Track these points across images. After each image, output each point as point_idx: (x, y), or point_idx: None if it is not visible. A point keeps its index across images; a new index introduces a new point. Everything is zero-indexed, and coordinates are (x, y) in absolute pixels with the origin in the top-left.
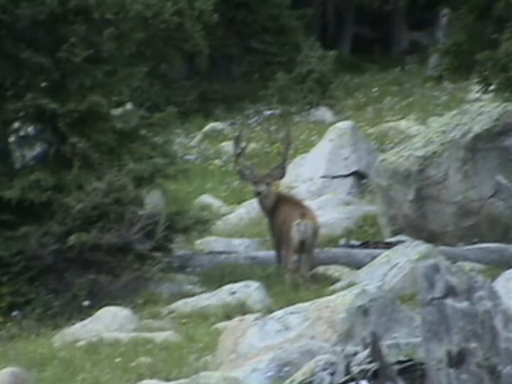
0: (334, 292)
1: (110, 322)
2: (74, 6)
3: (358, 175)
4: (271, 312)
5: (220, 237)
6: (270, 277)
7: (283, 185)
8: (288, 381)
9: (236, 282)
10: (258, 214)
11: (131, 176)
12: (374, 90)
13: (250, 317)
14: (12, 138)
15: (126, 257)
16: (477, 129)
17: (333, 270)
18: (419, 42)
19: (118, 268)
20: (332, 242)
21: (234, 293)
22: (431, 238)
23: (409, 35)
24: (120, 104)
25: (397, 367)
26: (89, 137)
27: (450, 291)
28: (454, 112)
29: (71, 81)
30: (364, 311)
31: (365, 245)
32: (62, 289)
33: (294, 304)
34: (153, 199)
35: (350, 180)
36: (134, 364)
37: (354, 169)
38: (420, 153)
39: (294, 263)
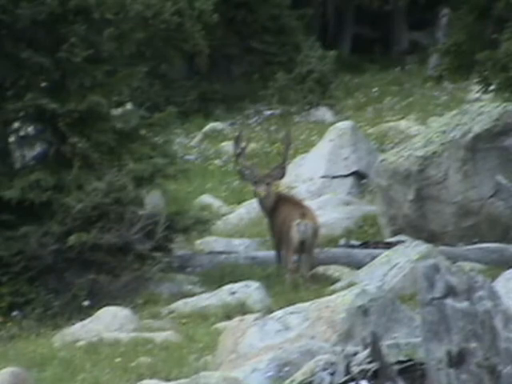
0: (334, 292)
1: (109, 321)
2: (74, 5)
3: (358, 175)
4: (271, 312)
5: (220, 237)
6: (270, 277)
7: (283, 185)
8: (288, 381)
9: (236, 282)
10: (258, 214)
11: (131, 176)
12: (374, 90)
13: (249, 317)
14: (12, 138)
15: (126, 257)
16: (477, 129)
17: (333, 270)
18: (419, 41)
19: (118, 268)
20: (332, 242)
21: (234, 293)
22: (431, 237)
23: (409, 35)
24: (120, 104)
25: (397, 367)
26: (89, 137)
27: (450, 291)
28: (454, 112)
29: (71, 81)
30: (364, 311)
31: (365, 245)
32: (62, 289)
33: (294, 304)
34: (153, 199)
35: (349, 180)
36: (134, 364)
37: (354, 169)
38: (420, 153)
39: (294, 263)
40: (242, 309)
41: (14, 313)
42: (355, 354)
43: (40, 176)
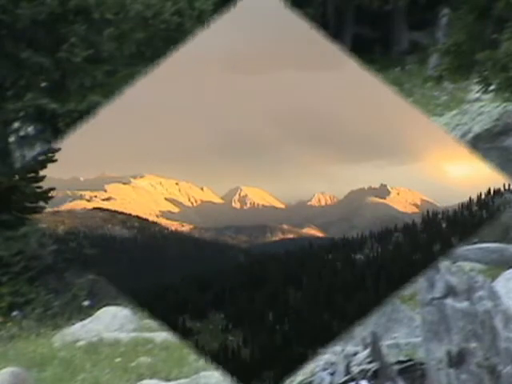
0: None
1: (109, 321)
2: (74, 6)
3: None
4: None
5: None
6: None
7: None
8: (288, 381)
9: None
10: None
11: None
12: None
13: None
14: (12, 138)
15: None
16: (477, 129)
17: None
18: (419, 42)
19: None
20: None
21: None
22: None
23: (409, 35)
24: None
25: (397, 367)
26: None
27: (450, 291)
28: (454, 112)
29: (71, 81)
30: None
31: None
32: (61, 289)
33: None
34: None
35: None
36: (133, 364)
37: None
38: None
39: None
40: None
41: (14, 313)
42: (355, 354)
43: None
